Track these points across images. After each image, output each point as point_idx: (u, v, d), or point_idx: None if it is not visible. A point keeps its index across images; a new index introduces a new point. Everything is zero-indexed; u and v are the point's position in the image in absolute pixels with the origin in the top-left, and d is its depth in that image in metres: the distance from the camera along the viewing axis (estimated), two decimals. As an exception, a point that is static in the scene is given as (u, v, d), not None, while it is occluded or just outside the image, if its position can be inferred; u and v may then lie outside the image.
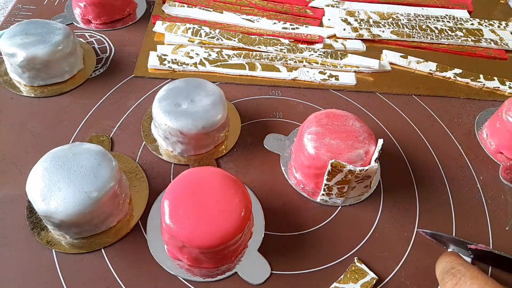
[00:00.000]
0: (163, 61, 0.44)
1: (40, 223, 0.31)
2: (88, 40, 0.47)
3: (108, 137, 0.37)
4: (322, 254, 0.31)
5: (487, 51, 0.50)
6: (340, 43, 0.48)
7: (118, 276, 0.29)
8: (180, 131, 0.33)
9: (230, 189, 0.28)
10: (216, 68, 0.44)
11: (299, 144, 0.33)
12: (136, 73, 0.43)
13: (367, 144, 0.32)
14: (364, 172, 0.31)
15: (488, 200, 0.35)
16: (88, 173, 0.29)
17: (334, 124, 0.33)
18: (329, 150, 0.31)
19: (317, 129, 0.33)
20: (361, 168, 0.30)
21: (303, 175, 0.34)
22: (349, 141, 0.32)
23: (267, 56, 0.46)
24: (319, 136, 0.32)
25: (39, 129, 0.38)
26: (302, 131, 0.34)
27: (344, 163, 0.30)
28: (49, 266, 0.29)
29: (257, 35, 0.48)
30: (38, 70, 0.39)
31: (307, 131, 0.33)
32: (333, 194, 0.33)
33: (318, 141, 0.32)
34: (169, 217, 0.27)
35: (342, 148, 0.32)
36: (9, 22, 0.48)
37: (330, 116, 0.34)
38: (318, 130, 0.33)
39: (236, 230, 0.27)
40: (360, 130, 0.33)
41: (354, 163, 0.31)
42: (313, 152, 0.32)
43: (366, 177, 0.32)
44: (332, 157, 0.31)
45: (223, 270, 0.29)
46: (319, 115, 0.34)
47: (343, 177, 0.31)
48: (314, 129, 0.33)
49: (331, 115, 0.34)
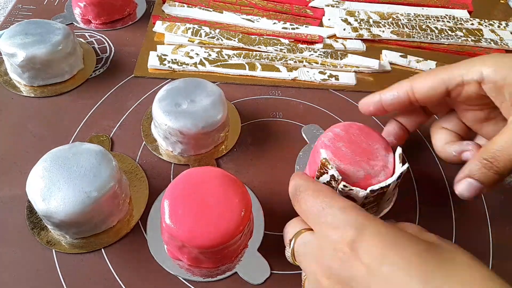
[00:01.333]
0: (163, 61, 0.44)
1: (40, 223, 0.31)
2: (88, 40, 0.47)
3: (108, 137, 0.37)
4: (322, 254, 0.31)
5: (487, 51, 0.50)
6: (340, 43, 0.48)
7: (118, 276, 0.29)
8: (180, 131, 0.33)
9: (230, 189, 0.28)
10: (216, 68, 0.44)
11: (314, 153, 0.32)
12: (136, 73, 0.43)
13: (373, 169, 0.30)
14: (348, 190, 0.29)
15: (488, 200, 0.35)
16: (88, 173, 0.29)
17: (355, 139, 0.32)
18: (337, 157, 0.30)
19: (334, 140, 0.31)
20: (345, 184, 0.28)
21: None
22: (361, 158, 0.30)
23: (267, 56, 0.46)
24: (335, 147, 0.31)
25: (39, 129, 0.38)
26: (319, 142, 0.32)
27: (331, 165, 0.29)
28: (49, 266, 0.29)
29: (257, 35, 0.48)
30: (38, 70, 0.39)
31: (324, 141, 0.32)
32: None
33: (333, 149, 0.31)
34: (169, 217, 0.27)
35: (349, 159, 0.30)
36: (9, 22, 0.48)
37: (357, 130, 0.32)
38: (335, 141, 0.31)
39: (236, 230, 0.27)
40: (378, 154, 0.31)
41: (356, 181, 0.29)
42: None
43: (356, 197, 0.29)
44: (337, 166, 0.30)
45: (223, 270, 0.29)
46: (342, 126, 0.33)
47: (326, 180, 0.29)
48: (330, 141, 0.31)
49: (357, 129, 0.32)
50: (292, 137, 0.39)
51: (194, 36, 0.46)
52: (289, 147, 0.38)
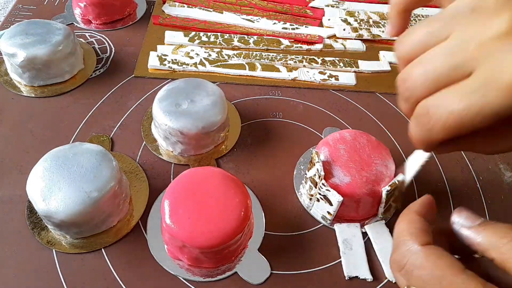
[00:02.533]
0: (163, 61, 0.44)
1: (40, 223, 0.31)
2: (89, 40, 0.47)
3: (108, 137, 0.37)
4: (322, 254, 0.31)
5: None
6: (340, 43, 0.48)
7: (118, 276, 0.29)
8: (180, 131, 0.33)
9: (230, 189, 0.28)
10: (216, 68, 0.44)
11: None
12: (136, 73, 0.43)
13: (361, 180, 0.30)
14: (326, 190, 0.29)
15: (488, 200, 0.35)
16: (88, 173, 0.29)
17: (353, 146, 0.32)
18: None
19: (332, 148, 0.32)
20: (324, 183, 0.29)
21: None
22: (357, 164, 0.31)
23: (267, 56, 0.46)
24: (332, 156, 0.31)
25: (40, 129, 0.38)
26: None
27: (319, 160, 0.29)
28: (50, 266, 0.29)
29: (257, 35, 0.48)
30: (39, 70, 0.39)
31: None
32: (304, 191, 0.33)
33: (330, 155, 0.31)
34: (169, 217, 0.27)
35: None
36: (9, 22, 0.48)
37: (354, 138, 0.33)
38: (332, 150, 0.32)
39: (236, 230, 0.27)
40: (373, 162, 0.31)
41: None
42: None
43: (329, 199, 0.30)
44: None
45: (223, 270, 0.29)
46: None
47: (313, 174, 0.30)
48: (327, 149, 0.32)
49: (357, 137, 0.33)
50: (292, 137, 0.39)
51: (195, 38, 0.47)
52: (289, 147, 0.38)
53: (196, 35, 0.47)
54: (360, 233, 0.32)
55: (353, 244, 0.31)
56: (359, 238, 0.31)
